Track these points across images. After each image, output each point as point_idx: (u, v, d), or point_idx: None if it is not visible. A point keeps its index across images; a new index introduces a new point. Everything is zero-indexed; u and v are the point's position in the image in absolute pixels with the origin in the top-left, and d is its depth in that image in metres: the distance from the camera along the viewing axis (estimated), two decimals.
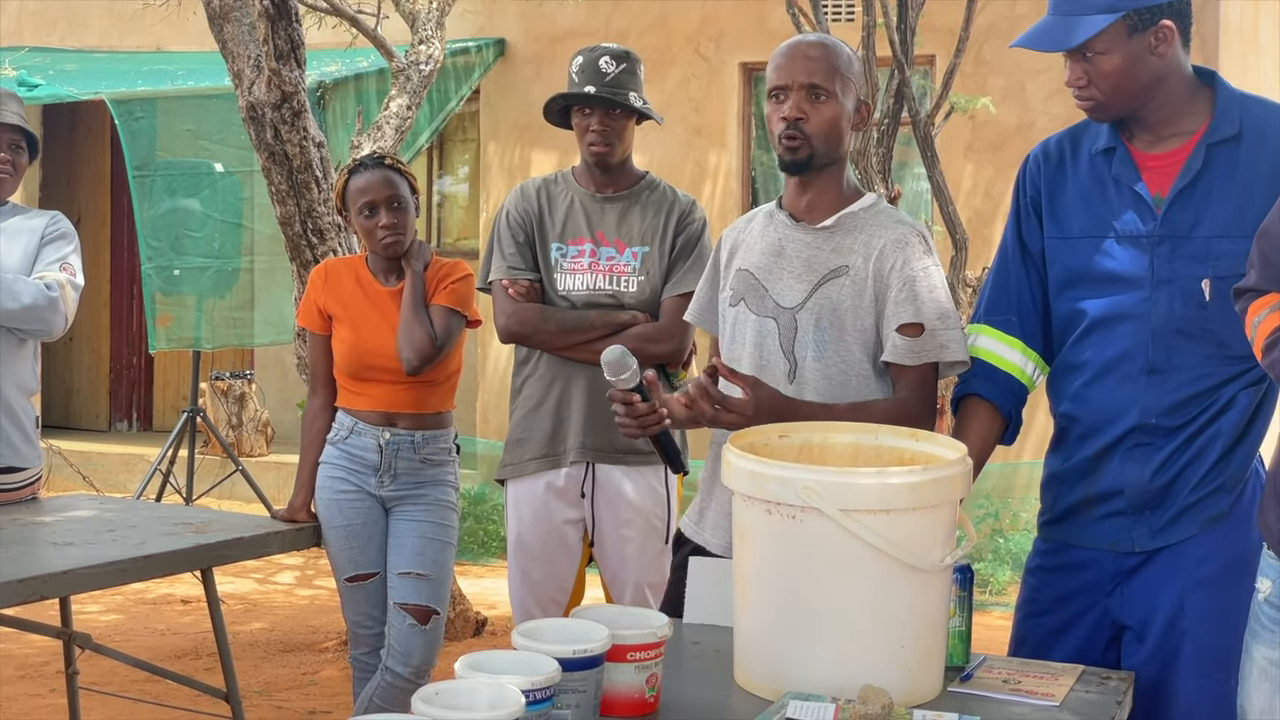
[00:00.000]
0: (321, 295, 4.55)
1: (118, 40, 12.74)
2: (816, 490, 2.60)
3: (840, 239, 3.32)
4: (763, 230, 3.43)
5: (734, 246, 3.48)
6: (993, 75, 10.27)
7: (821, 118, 3.27)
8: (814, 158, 3.29)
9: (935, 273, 3.29)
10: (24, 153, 4.71)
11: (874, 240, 3.30)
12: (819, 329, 3.27)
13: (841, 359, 3.27)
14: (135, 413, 13.44)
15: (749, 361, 3.33)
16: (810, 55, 3.29)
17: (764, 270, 3.36)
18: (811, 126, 3.27)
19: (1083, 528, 3.14)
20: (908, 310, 3.23)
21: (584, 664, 2.49)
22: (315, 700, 6.11)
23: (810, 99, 3.27)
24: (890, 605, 2.65)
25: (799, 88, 3.27)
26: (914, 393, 3.27)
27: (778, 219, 3.41)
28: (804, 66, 3.28)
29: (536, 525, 4.43)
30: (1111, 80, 3.04)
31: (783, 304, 3.32)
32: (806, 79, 3.27)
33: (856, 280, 3.27)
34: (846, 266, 3.29)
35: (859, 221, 3.34)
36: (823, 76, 3.27)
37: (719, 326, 3.48)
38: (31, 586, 3.77)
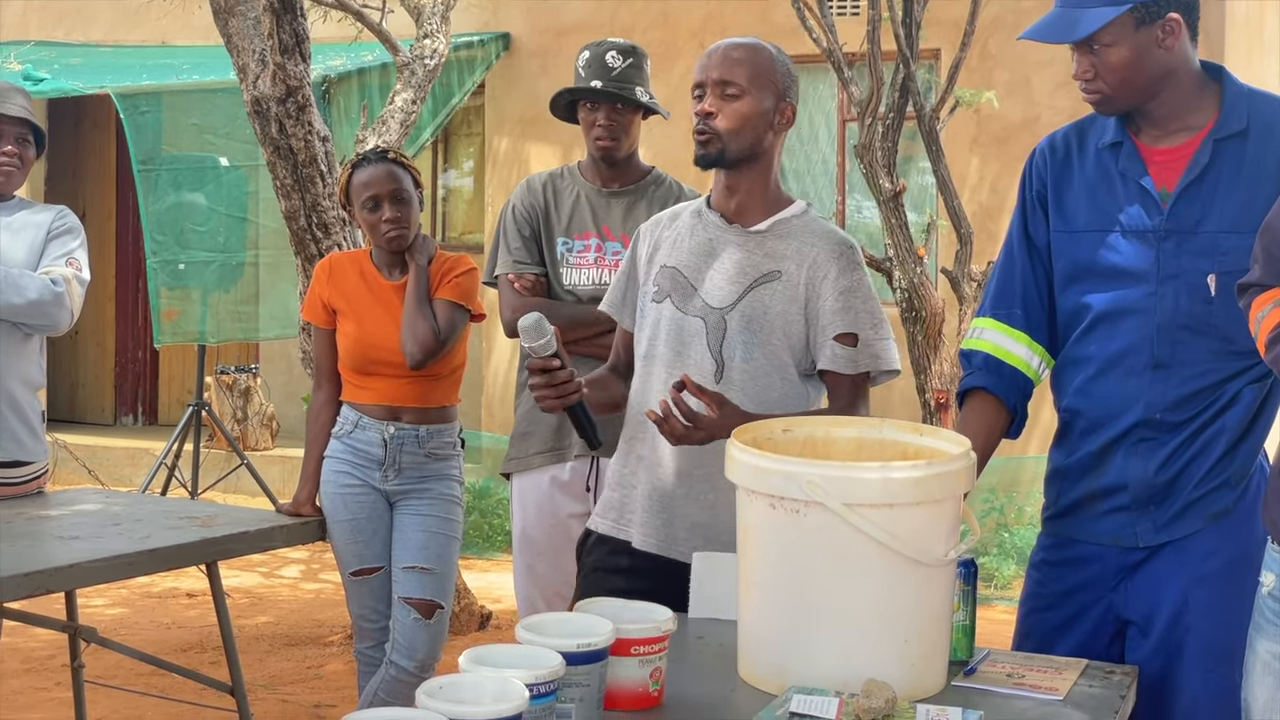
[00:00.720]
0: (326, 289, 4.55)
1: (123, 34, 12.75)
2: (820, 485, 2.60)
3: (773, 244, 3.36)
4: (691, 228, 3.45)
5: (656, 242, 3.50)
6: (998, 69, 10.26)
7: (732, 113, 3.32)
8: (725, 153, 3.33)
9: (868, 283, 3.37)
10: (30, 147, 4.71)
11: (807, 249, 3.35)
12: (748, 331, 3.31)
13: (768, 361, 3.31)
14: (140, 407, 13.46)
15: (670, 358, 3.35)
16: (729, 55, 3.34)
17: (693, 269, 3.39)
18: (720, 122, 3.31)
19: (1087, 523, 3.14)
20: (844, 320, 3.31)
21: (588, 658, 2.50)
22: (320, 694, 6.12)
23: (723, 96, 3.32)
24: (894, 599, 2.65)
25: (713, 84, 3.33)
26: (853, 400, 3.36)
27: (708, 218, 3.43)
28: (720, 64, 3.33)
29: (541, 519, 4.43)
30: (1119, 73, 3.03)
31: (712, 304, 3.34)
32: (720, 76, 3.32)
33: (789, 286, 3.32)
34: (779, 272, 3.33)
35: (792, 229, 3.38)
36: (736, 74, 3.32)
37: (638, 321, 3.48)
38: (37, 580, 3.78)
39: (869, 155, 8.58)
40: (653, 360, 3.39)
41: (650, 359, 3.40)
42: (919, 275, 8.71)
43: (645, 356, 3.42)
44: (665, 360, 3.36)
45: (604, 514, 3.50)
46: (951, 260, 9.06)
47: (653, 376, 3.39)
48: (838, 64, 8.74)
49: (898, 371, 3.37)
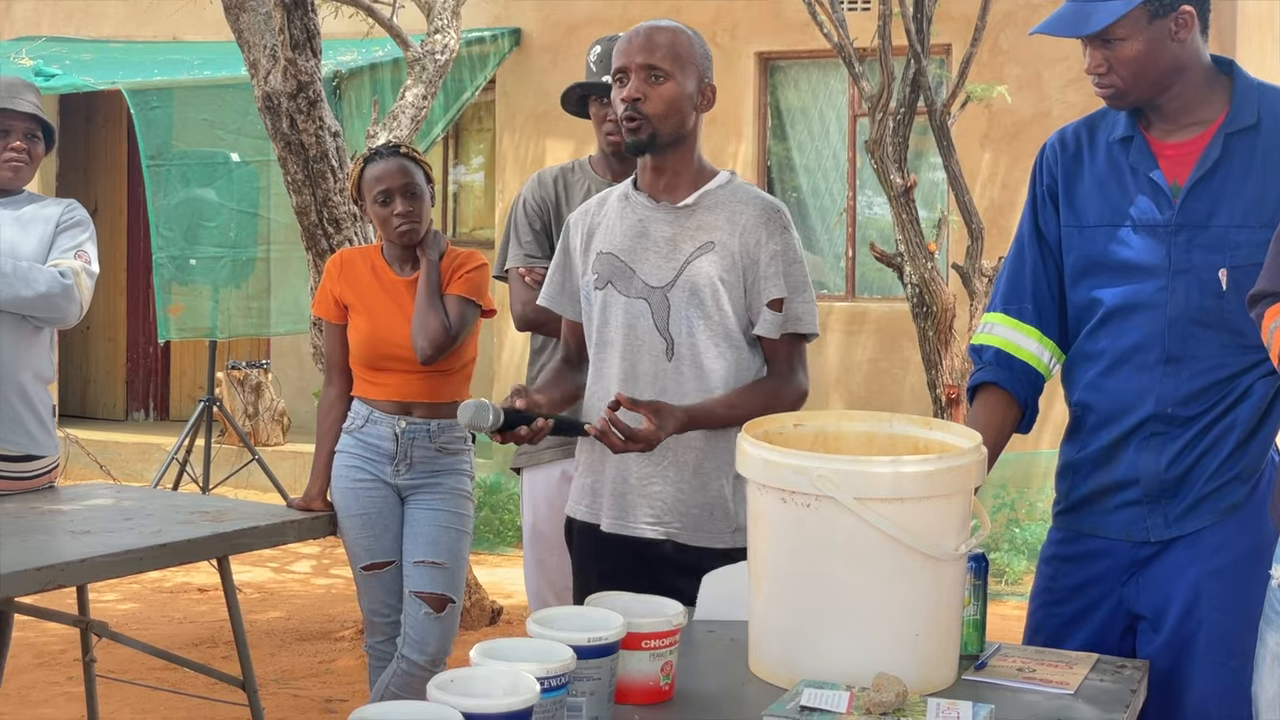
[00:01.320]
0: (337, 285, 4.55)
1: (134, 30, 12.77)
2: (831, 479, 2.60)
3: (703, 216, 3.40)
4: (620, 212, 3.48)
5: (590, 229, 3.53)
6: (1009, 64, 10.25)
7: (660, 98, 3.34)
8: (655, 138, 3.36)
9: (796, 246, 3.42)
10: (40, 142, 4.72)
11: (737, 216, 3.38)
12: (691, 305, 3.34)
13: (714, 332, 3.35)
14: (152, 402, 13.48)
15: (624, 343, 3.38)
16: (651, 38, 3.37)
17: (628, 252, 3.42)
18: (649, 106, 3.34)
19: (1098, 517, 3.13)
20: (776, 285, 3.36)
21: (599, 652, 2.50)
22: (332, 688, 6.12)
23: (649, 80, 3.34)
24: (905, 593, 2.65)
25: (637, 69, 3.35)
26: (788, 364, 3.42)
27: (635, 200, 3.47)
28: (643, 48, 3.36)
29: (552, 514, 4.42)
30: (1132, 67, 3.02)
31: (651, 284, 3.38)
32: (644, 60, 3.34)
33: (724, 254, 3.36)
34: (712, 242, 3.37)
35: (719, 198, 3.41)
36: (660, 58, 3.34)
37: (585, 310, 3.51)
38: (48, 575, 3.78)
39: (880, 150, 8.57)
40: (605, 346, 3.43)
41: (602, 345, 3.44)
42: (930, 271, 8.69)
43: (597, 344, 3.46)
44: (616, 345, 3.40)
45: (579, 500, 3.54)
46: (963, 256, 9.04)
47: (606, 363, 3.43)
48: (848, 59, 8.73)
49: (815, 335, 3.42)
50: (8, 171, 4.64)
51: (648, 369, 3.36)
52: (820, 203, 11.10)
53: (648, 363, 3.36)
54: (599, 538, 3.44)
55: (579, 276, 3.53)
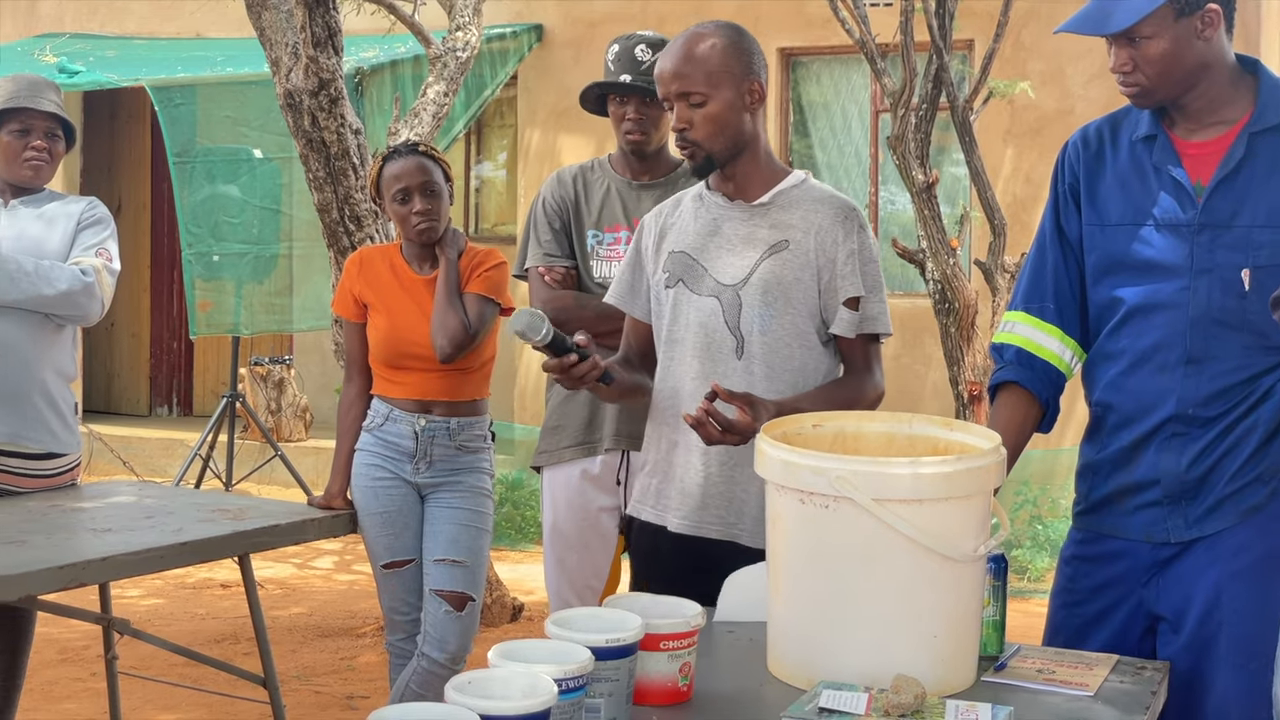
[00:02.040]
0: (356, 283, 4.56)
1: (158, 27, 12.80)
2: (849, 480, 2.59)
3: (777, 214, 3.39)
4: (694, 212, 3.47)
5: (662, 230, 3.51)
6: (1032, 59, 10.22)
7: (704, 121, 3.33)
8: (712, 159, 3.36)
9: (871, 246, 3.41)
10: (60, 141, 4.73)
11: (812, 216, 3.37)
12: (764, 304, 3.33)
13: (786, 331, 3.34)
14: (175, 398, 13.52)
15: (694, 341, 3.37)
16: (679, 65, 3.34)
17: (700, 250, 3.41)
18: (696, 133, 3.33)
19: (1118, 518, 3.12)
20: (853, 284, 3.34)
21: (617, 653, 2.49)
22: (353, 685, 6.13)
23: (689, 106, 3.33)
24: (923, 595, 2.64)
25: (676, 97, 3.34)
26: (866, 362, 3.42)
27: (709, 200, 3.46)
28: (673, 77, 3.34)
29: (572, 513, 4.43)
30: (1158, 65, 3.00)
31: (724, 281, 3.36)
32: (678, 89, 3.33)
33: (799, 254, 3.34)
34: (787, 241, 3.35)
35: (794, 197, 3.40)
36: (692, 81, 3.32)
37: (655, 309, 3.49)
38: (70, 573, 3.80)
39: (902, 146, 8.57)
40: (674, 344, 3.41)
41: (672, 343, 3.42)
42: (952, 267, 8.69)
43: (667, 341, 3.44)
44: (686, 343, 3.39)
45: (642, 500, 3.51)
46: (985, 252, 9.04)
47: (675, 361, 3.41)
48: (871, 55, 8.73)
49: (889, 334, 3.42)
50: (28, 170, 4.66)
51: (717, 367, 3.34)
52: None
53: (717, 361, 3.34)
54: (663, 538, 3.41)
55: (649, 276, 3.52)
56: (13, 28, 13.16)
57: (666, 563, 3.40)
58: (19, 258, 4.48)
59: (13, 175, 4.68)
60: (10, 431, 4.52)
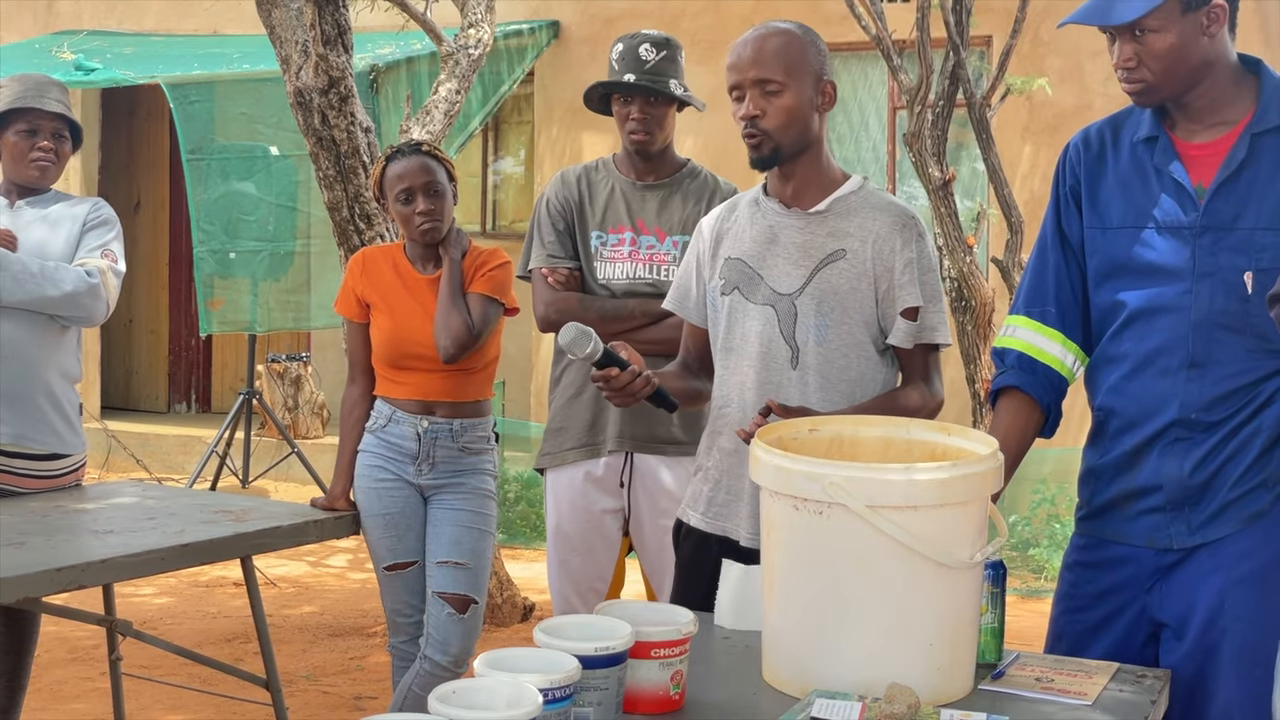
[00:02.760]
0: (359, 283, 4.54)
1: (175, 24, 12.81)
2: (843, 486, 2.57)
3: (835, 223, 3.34)
4: (750, 218, 3.42)
5: (718, 235, 3.47)
6: (1050, 56, 10.17)
7: (777, 110, 3.27)
8: (778, 151, 3.31)
9: (930, 255, 3.35)
10: (67, 141, 4.72)
11: (870, 224, 3.32)
12: (820, 314, 3.28)
13: (843, 341, 3.29)
14: (194, 394, 13.53)
15: (750, 350, 3.33)
16: (760, 50, 3.29)
17: (757, 258, 3.36)
18: (769, 122, 3.28)
19: (1120, 523, 3.08)
20: (911, 294, 3.30)
21: (606, 661, 2.48)
22: (362, 685, 6.12)
23: (764, 95, 3.27)
24: (918, 603, 2.62)
25: (751, 84, 3.28)
26: (925, 372, 3.37)
27: (766, 206, 3.41)
28: (753, 62, 3.28)
29: (575, 515, 4.41)
30: (1163, 61, 2.96)
31: (780, 290, 3.32)
32: (757, 75, 3.27)
33: (855, 263, 3.30)
34: (844, 250, 3.31)
35: (851, 205, 3.36)
36: (771, 69, 3.27)
37: (711, 316, 3.45)
38: (69, 575, 3.78)
39: (918, 143, 8.54)
40: (728, 353, 3.38)
41: (726, 352, 3.39)
42: (969, 264, 8.66)
43: (722, 349, 3.40)
44: (740, 352, 3.35)
45: (693, 506, 3.46)
46: (1002, 249, 9.00)
47: (729, 370, 3.37)
48: (887, 52, 8.69)
49: (947, 344, 3.38)
50: (35, 171, 4.65)
51: (772, 377, 3.30)
52: None
53: (772, 371, 3.29)
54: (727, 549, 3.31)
55: (705, 282, 3.47)
56: (31, 24, 13.18)
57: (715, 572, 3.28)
58: (24, 258, 4.47)
59: (19, 176, 4.67)
60: (14, 432, 4.52)
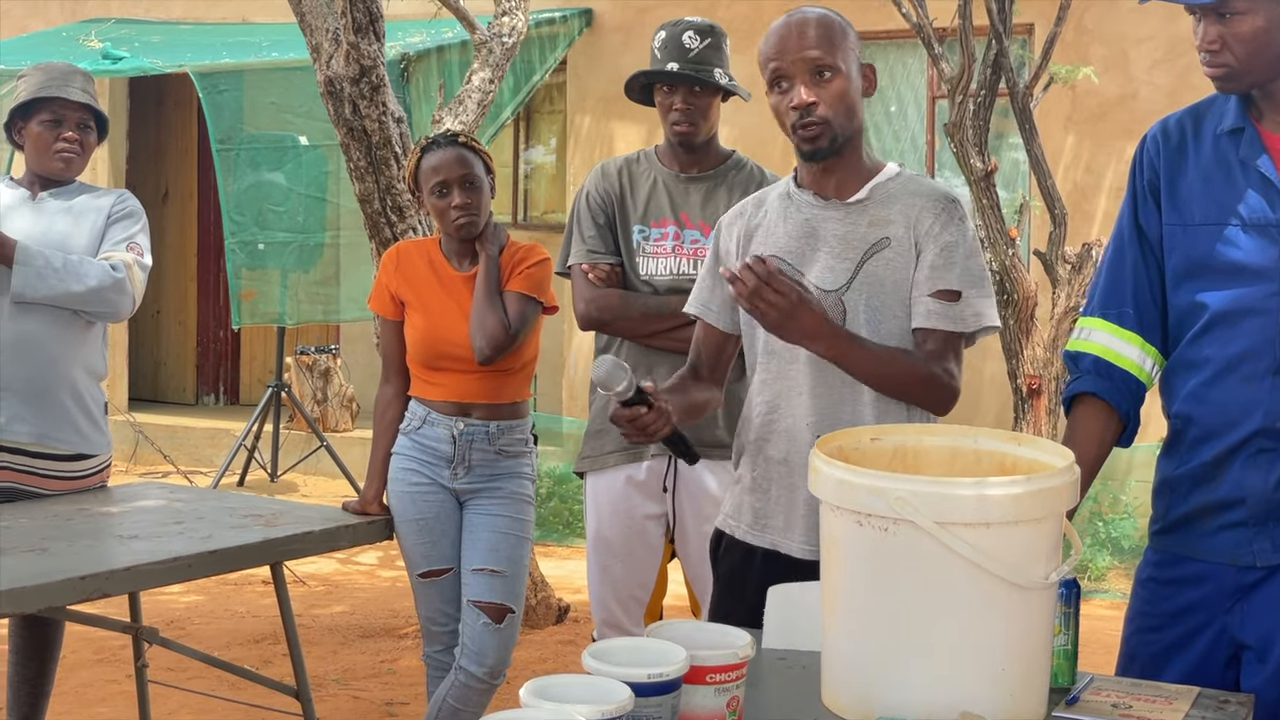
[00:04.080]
0: (393, 279, 4.38)
1: (204, 12, 12.70)
2: (910, 501, 2.40)
3: (876, 210, 3.16)
4: (782, 212, 3.23)
5: (747, 232, 3.27)
6: (1094, 44, 10.00)
7: (834, 97, 3.09)
8: (836, 140, 3.12)
9: (972, 238, 3.16)
10: (92, 132, 4.59)
11: (910, 210, 3.15)
12: (871, 309, 3.11)
13: (893, 333, 3.12)
14: (222, 386, 13.45)
15: (801, 351, 3.10)
16: (806, 34, 3.09)
17: (796, 254, 3.17)
18: (825, 109, 3.08)
19: (1199, 539, 2.91)
20: (945, 276, 3.10)
21: (660, 689, 2.33)
22: (393, 690, 5.97)
23: (816, 80, 3.08)
24: (989, 624, 2.46)
25: (803, 69, 3.08)
26: (943, 354, 3.14)
27: (799, 199, 3.22)
28: (801, 46, 3.09)
29: (617, 520, 4.26)
30: (1249, 45, 2.79)
31: (825, 287, 3.13)
32: (811, 58, 3.08)
33: (900, 250, 3.12)
34: (888, 239, 3.13)
35: (891, 191, 3.18)
36: (824, 51, 3.08)
37: (744, 319, 3.24)
38: (92, 584, 3.64)
39: (959, 134, 8.40)
40: (774, 355, 3.18)
41: (771, 355, 3.18)
42: (1010, 257, 8.51)
43: (764, 353, 3.20)
44: (786, 354, 3.14)
45: (736, 517, 3.28)
46: (1044, 242, 8.86)
47: (775, 372, 3.18)
48: (928, 40, 8.56)
49: (998, 328, 3.19)
50: (59, 163, 4.52)
51: (825, 377, 3.11)
52: None
53: (824, 370, 3.10)
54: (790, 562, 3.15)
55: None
56: (59, 13, 13.09)
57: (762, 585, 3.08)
58: (47, 253, 4.34)
59: (43, 167, 4.55)
60: (37, 432, 4.40)
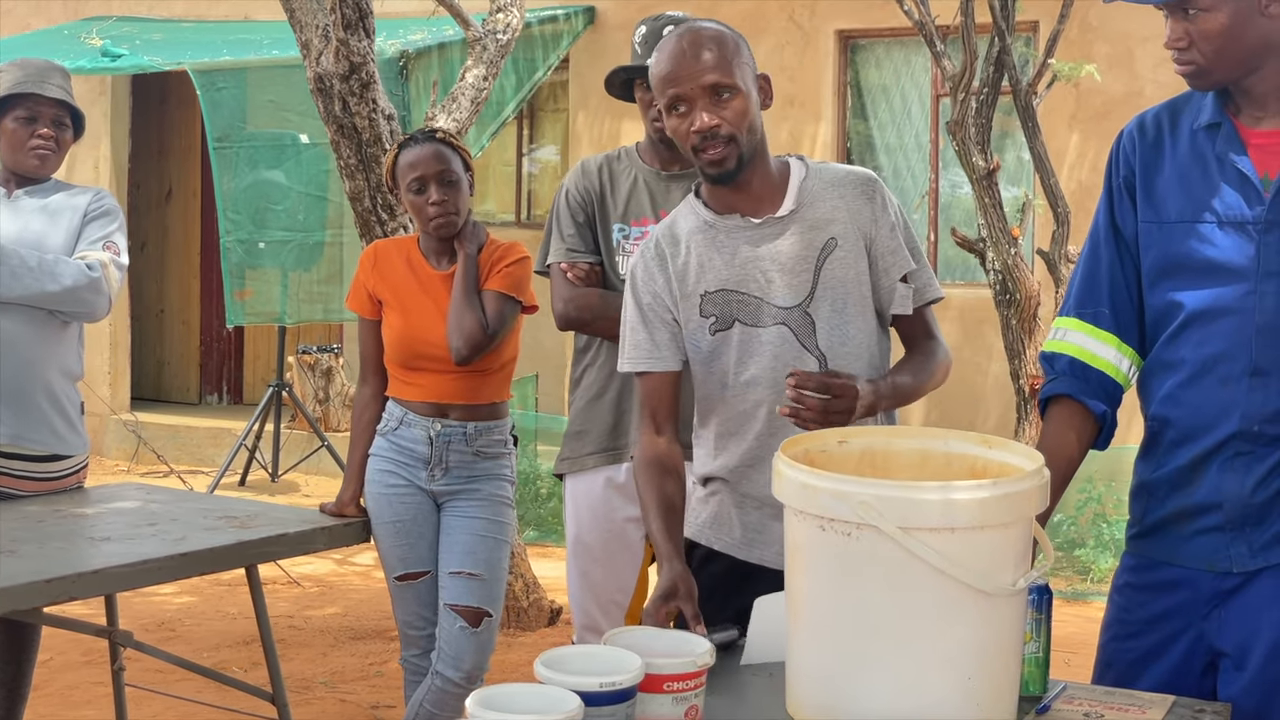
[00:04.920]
0: (370, 278, 4.32)
1: (206, 10, 12.66)
2: (874, 506, 2.34)
3: (810, 214, 3.08)
4: (710, 243, 3.10)
5: (677, 275, 3.11)
6: (1099, 41, 9.93)
7: (735, 115, 2.98)
8: (742, 160, 3.02)
9: (902, 211, 3.17)
10: (68, 129, 4.53)
11: (840, 200, 3.09)
12: (834, 311, 3.06)
13: (862, 331, 3.08)
14: (225, 386, 13.40)
15: (769, 376, 3.05)
16: (699, 56, 2.98)
17: (744, 282, 3.07)
18: (729, 129, 2.98)
19: (1175, 544, 2.84)
20: (902, 259, 3.11)
21: (612, 698, 2.28)
22: (380, 693, 5.91)
23: (716, 102, 2.98)
24: (956, 632, 2.39)
25: (701, 93, 2.98)
26: (930, 334, 3.19)
27: (724, 225, 3.10)
28: (696, 69, 2.97)
29: (596, 523, 4.19)
30: (1215, 42, 2.73)
31: (785, 305, 3.06)
32: (709, 81, 2.98)
33: (848, 246, 3.08)
34: (834, 239, 3.07)
35: (813, 190, 3.10)
36: (722, 74, 2.97)
37: (704, 357, 3.11)
38: (60, 587, 3.58)
39: (962, 132, 8.34)
40: (750, 385, 3.07)
41: (745, 385, 3.08)
42: (1013, 256, 8.45)
43: (735, 385, 3.09)
44: (764, 381, 3.05)
45: (716, 531, 3.18)
46: (1048, 241, 8.79)
47: (743, 397, 3.08)
48: (930, 37, 8.50)
49: (941, 297, 3.19)
50: (34, 160, 4.47)
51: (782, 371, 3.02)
52: (902, 184, 10.81)
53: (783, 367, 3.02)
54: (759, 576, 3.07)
55: (680, 325, 3.12)
56: (61, 11, 13.05)
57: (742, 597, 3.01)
58: (21, 252, 4.29)
59: (17, 165, 4.50)
60: (12, 433, 4.34)
